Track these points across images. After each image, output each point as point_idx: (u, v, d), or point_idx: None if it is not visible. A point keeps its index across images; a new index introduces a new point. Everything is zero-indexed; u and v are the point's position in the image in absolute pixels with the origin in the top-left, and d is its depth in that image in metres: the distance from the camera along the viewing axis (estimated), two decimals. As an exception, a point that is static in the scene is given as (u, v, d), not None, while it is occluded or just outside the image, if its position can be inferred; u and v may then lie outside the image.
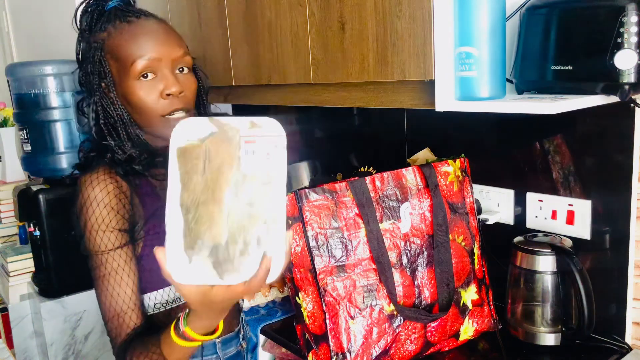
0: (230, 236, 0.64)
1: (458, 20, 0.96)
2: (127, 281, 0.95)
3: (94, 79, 0.99)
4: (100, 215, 0.93)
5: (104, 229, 0.93)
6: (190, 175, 0.65)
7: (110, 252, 0.94)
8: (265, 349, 1.39)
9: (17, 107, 1.87)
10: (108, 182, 0.95)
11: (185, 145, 0.65)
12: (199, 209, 0.64)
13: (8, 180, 2.29)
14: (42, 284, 1.85)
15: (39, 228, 1.77)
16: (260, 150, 0.67)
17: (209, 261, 0.64)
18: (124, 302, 0.94)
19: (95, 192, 0.93)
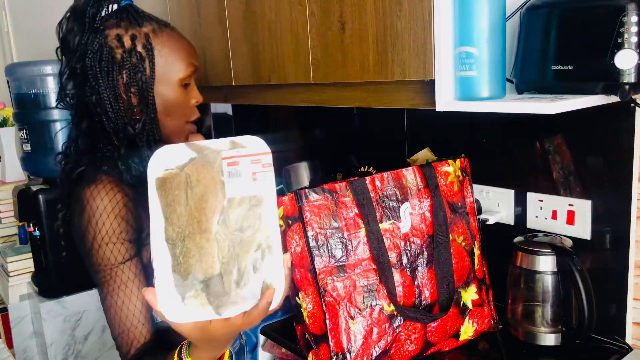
0: (223, 267, 0.60)
1: (458, 20, 0.96)
2: (137, 294, 0.91)
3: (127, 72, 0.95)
4: (111, 227, 0.90)
5: (114, 241, 0.90)
6: (173, 207, 0.60)
7: (120, 266, 0.91)
8: (265, 349, 1.39)
9: (17, 107, 1.87)
10: (116, 191, 0.91)
11: (164, 175, 0.61)
12: (186, 241, 0.60)
13: (8, 180, 2.29)
14: (42, 284, 1.85)
15: (38, 228, 1.77)
16: (245, 172, 0.62)
17: (203, 296, 0.60)
18: (134, 316, 0.91)
19: (105, 203, 0.90)
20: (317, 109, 1.85)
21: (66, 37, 0.96)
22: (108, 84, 0.95)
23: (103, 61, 0.94)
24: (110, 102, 0.95)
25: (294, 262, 1.09)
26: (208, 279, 0.60)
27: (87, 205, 0.90)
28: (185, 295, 0.60)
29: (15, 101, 1.87)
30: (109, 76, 0.95)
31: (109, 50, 0.95)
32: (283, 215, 1.08)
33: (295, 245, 1.07)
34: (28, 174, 2.08)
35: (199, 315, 0.61)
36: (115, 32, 0.95)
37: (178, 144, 0.63)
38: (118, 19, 0.96)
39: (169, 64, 0.98)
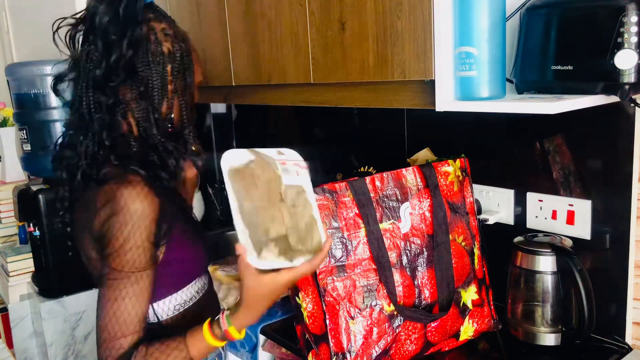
0: (288, 230, 0.82)
1: (458, 20, 0.96)
2: (145, 303, 0.91)
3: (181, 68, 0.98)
4: (145, 231, 0.89)
5: (146, 246, 0.89)
6: (247, 189, 0.82)
7: (142, 272, 0.90)
8: (265, 349, 1.39)
9: (17, 107, 1.87)
10: (150, 195, 0.89)
11: (236, 167, 0.83)
12: (261, 212, 0.81)
13: (8, 180, 2.29)
14: (42, 284, 1.85)
15: (38, 228, 1.77)
16: (291, 170, 0.87)
17: (276, 250, 0.81)
18: (133, 322, 0.89)
19: (142, 206, 0.88)
20: (317, 109, 1.85)
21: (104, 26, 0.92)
22: (158, 74, 0.95)
23: (156, 52, 0.95)
24: (160, 93, 0.96)
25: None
26: (278, 237, 0.81)
27: (124, 206, 0.88)
28: (262, 250, 0.80)
29: (15, 101, 1.87)
30: (159, 67, 0.95)
31: (159, 42, 0.96)
32: (283, 215, 1.08)
33: (295, 245, 1.07)
34: (28, 174, 2.08)
35: (277, 264, 0.81)
36: (161, 26, 0.97)
37: (242, 150, 0.85)
38: (156, 15, 0.98)
39: (197, 64, 1.03)
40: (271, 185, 0.84)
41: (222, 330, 0.89)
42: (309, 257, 0.84)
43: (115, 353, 0.88)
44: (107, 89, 0.93)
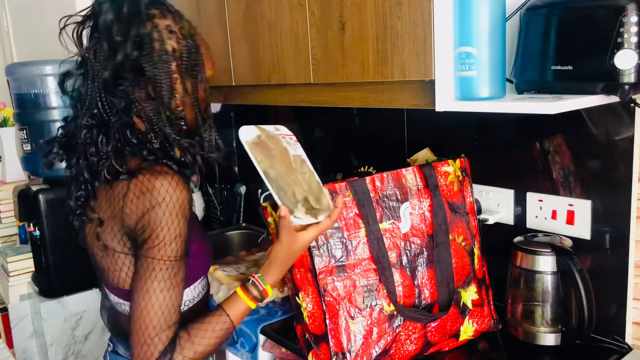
0: (306, 192, 0.95)
1: (458, 20, 0.97)
2: (182, 292, 0.93)
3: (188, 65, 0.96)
4: (184, 220, 0.91)
5: (183, 234, 0.91)
6: (269, 158, 0.94)
7: (180, 261, 0.92)
8: (265, 349, 1.39)
9: (17, 107, 1.88)
10: (183, 186, 0.91)
11: (253, 140, 0.94)
12: (285, 178, 0.93)
13: (8, 180, 2.29)
14: (42, 284, 1.85)
15: (39, 228, 1.77)
16: (291, 143, 0.99)
17: (303, 209, 0.93)
18: (176, 312, 0.91)
19: (182, 197, 0.90)
20: (317, 109, 1.85)
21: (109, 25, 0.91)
22: (165, 73, 0.94)
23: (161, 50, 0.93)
24: (168, 91, 0.95)
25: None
26: (303, 199, 0.94)
27: (165, 196, 0.89)
28: (293, 210, 0.92)
29: (15, 101, 1.88)
30: (166, 65, 0.94)
31: (164, 40, 0.94)
32: (283, 215, 1.08)
33: (295, 245, 1.07)
34: (28, 174, 2.08)
35: (308, 220, 0.94)
36: (165, 23, 0.94)
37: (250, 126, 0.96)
38: (161, 11, 0.95)
39: (207, 59, 1.00)
40: (283, 155, 0.96)
41: (259, 289, 0.98)
42: (327, 214, 0.96)
43: (156, 347, 0.89)
44: (118, 92, 0.93)
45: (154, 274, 0.90)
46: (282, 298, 1.50)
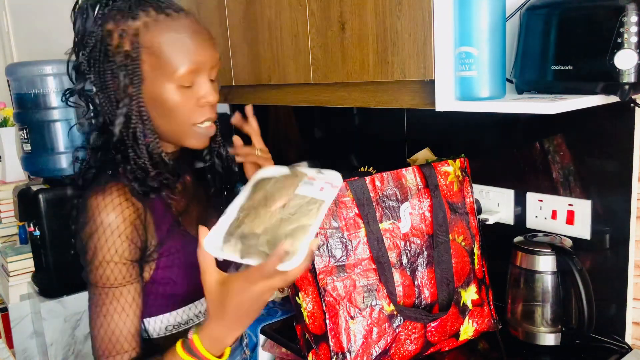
0: (265, 229, 0.76)
1: (458, 20, 0.97)
2: (133, 319, 0.86)
3: (113, 72, 0.85)
4: (114, 246, 0.83)
5: (116, 261, 0.84)
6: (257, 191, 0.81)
7: (119, 288, 0.85)
8: (265, 349, 1.39)
9: (17, 107, 1.87)
10: (124, 207, 0.84)
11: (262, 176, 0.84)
12: (252, 210, 0.78)
13: (8, 180, 2.29)
14: (42, 284, 1.85)
15: (39, 228, 1.77)
16: (316, 184, 0.83)
17: (239, 244, 0.75)
18: (125, 340, 0.85)
19: (110, 219, 0.83)
20: (317, 109, 1.85)
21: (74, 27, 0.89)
22: (102, 83, 0.87)
23: (97, 58, 0.86)
24: (103, 102, 0.88)
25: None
26: (249, 234, 0.75)
27: (93, 217, 0.83)
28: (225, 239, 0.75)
29: (15, 101, 1.87)
30: (101, 75, 0.86)
31: (102, 46, 0.86)
32: (283, 215, 1.08)
33: (295, 245, 1.07)
34: (28, 174, 2.08)
35: (228, 255, 0.74)
36: (108, 27, 0.85)
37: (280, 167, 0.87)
38: (115, 11, 0.86)
39: (162, 64, 0.85)
40: (280, 191, 0.81)
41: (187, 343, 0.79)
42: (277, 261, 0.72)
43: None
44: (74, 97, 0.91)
45: (92, 298, 0.86)
46: (282, 298, 1.50)
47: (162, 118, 0.89)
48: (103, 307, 0.85)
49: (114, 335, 0.85)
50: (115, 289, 0.85)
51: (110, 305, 0.85)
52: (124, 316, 0.85)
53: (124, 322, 0.85)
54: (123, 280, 0.85)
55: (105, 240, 0.83)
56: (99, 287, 0.85)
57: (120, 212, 0.84)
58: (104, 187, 0.85)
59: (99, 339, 0.85)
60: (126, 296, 0.86)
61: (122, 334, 0.85)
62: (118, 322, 0.85)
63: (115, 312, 0.85)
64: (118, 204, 0.84)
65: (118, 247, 0.84)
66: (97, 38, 0.86)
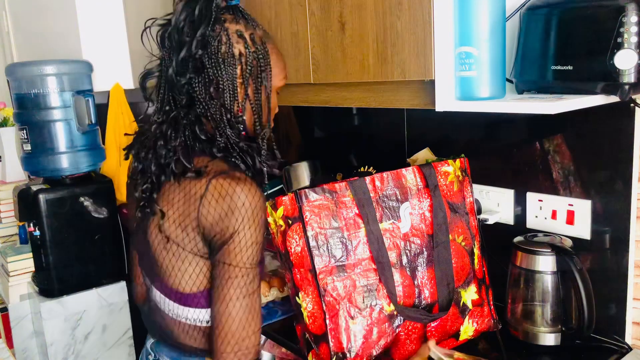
0: None
1: (458, 20, 0.97)
2: (259, 300, 0.95)
3: (247, 69, 0.96)
4: (262, 229, 0.92)
5: (260, 242, 0.92)
6: None
7: (254, 268, 0.93)
8: (265, 349, 1.39)
9: (17, 107, 1.87)
10: (263, 195, 0.93)
11: None
12: None
13: (8, 180, 2.29)
14: (42, 284, 1.85)
15: (39, 228, 1.77)
16: None
17: None
18: (260, 319, 0.94)
19: (262, 203, 0.91)
20: (317, 109, 1.85)
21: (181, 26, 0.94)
22: (228, 75, 0.95)
23: (227, 53, 0.95)
24: (230, 93, 0.96)
25: (294, 262, 1.09)
26: None
27: (245, 203, 0.90)
28: None
29: (15, 101, 1.87)
30: (229, 68, 0.95)
31: (231, 43, 0.95)
32: (283, 215, 1.08)
33: (295, 245, 1.07)
34: (28, 173, 2.08)
35: None
36: (236, 28, 0.96)
37: None
38: (236, 16, 0.97)
39: (275, 70, 1.00)
40: None
41: None
42: None
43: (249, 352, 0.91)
44: (178, 87, 0.95)
45: (230, 280, 0.91)
46: (282, 298, 1.50)
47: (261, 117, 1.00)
48: (244, 288, 0.91)
49: (255, 311, 0.92)
50: (255, 269, 0.92)
51: (252, 284, 0.92)
52: (258, 294, 0.94)
53: (258, 301, 0.93)
54: (260, 262, 0.93)
55: (256, 222, 0.91)
56: (244, 268, 0.91)
57: (263, 198, 0.92)
58: (239, 176, 0.92)
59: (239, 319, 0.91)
60: (260, 276, 0.95)
61: (257, 310, 0.92)
62: (257, 301, 0.93)
63: (255, 291, 0.92)
64: (260, 191, 0.92)
65: (262, 230, 0.92)
66: (219, 38, 0.94)
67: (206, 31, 0.93)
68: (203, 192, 0.91)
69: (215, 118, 0.95)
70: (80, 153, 1.85)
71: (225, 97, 0.95)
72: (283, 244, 1.09)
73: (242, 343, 0.91)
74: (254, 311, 0.92)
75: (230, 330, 0.91)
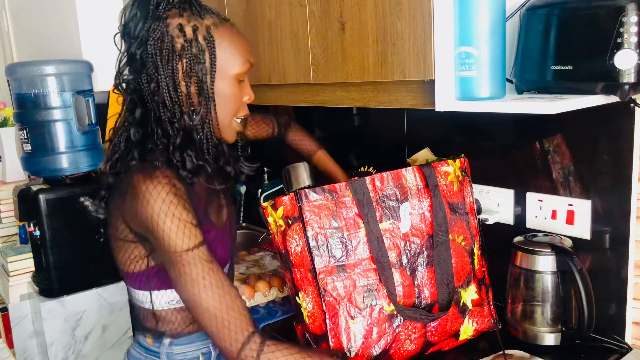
0: None
1: (458, 20, 0.97)
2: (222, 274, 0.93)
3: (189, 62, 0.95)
4: (175, 215, 0.90)
5: (183, 226, 0.91)
6: None
7: (199, 248, 0.91)
8: (265, 349, 1.39)
9: (17, 107, 1.87)
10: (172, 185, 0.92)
11: None
12: None
13: (8, 180, 2.29)
14: (42, 284, 1.85)
15: (39, 228, 1.77)
16: None
17: None
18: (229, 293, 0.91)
19: (163, 196, 0.91)
20: (317, 109, 1.85)
21: (128, 23, 0.96)
22: (167, 72, 0.95)
23: (164, 49, 0.94)
24: (169, 90, 0.95)
25: (294, 262, 1.09)
26: None
27: (148, 199, 0.91)
28: None
29: (15, 101, 1.87)
30: (169, 64, 0.95)
31: (170, 39, 0.94)
32: (283, 215, 1.08)
33: (295, 245, 1.07)
34: (28, 173, 2.08)
35: None
36: (178, 22, 0.95)
37: None
38: (180, 9, 0.96)
39: (228, 58, 0.98)
40: None
41: None
42: None
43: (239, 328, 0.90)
44: (122, 85, 0.98)
45: (182, 268, 0.91)
46: (282, 298, 1.50)
47: (218, 108, 0.98)
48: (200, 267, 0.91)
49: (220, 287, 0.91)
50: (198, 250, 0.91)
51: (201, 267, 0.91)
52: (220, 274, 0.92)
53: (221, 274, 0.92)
54: (197, 242, 0.91)
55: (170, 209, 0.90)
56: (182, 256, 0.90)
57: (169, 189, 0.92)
58: (151, 174, 0.93)
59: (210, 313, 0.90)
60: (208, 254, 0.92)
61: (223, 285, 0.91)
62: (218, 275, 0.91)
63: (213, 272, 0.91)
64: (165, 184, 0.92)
65: (180, 214, 0.91)
66: (162, 31, 0.94)
67: (144, 29, 0.94)
68: (125, 188, 0.95)
69: (157, 116, 0.97)
70: (80, 153, 1.86)
71: (165, 95, 0.95)
72: (283, 244, 1.09)
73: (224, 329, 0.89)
74: (218, 289, 0.90)
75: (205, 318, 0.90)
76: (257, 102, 1.53)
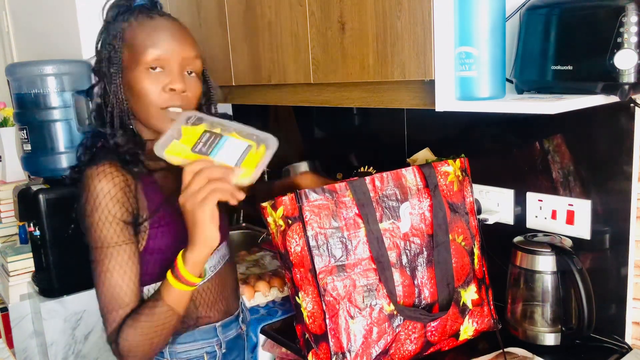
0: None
1: (458, 20, 0.97)
2: (131, 276, 0.96)
3: (104, 65, 1.01)
4: (107, 207, 0.94)
5: (110, 221, 0.94)
6: None
7: (115, 247, 0.95)
8: (265, 349, 1.39)
9: (17, 107, 1.88)
10: (115, 175, 0.96)
11: None
12: None
13: (8, 180, 2.29)
14: (42, 284, 1.85)
15: (39, 228, 1.77)
16: None
17: None
18: (125, 295, 0.95)
19: (102, 185, 0.95)
20: (317, 109, 1.85)
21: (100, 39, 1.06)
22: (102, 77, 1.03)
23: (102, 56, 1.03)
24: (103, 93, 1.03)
25: (294, 262, 1.09)
26: None
27: (87, 185, 0.96)
28: None
29: (15, 101, 1.87)
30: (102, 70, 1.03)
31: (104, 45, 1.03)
32: (283, 215, 1.08)
33: (295, 244, 1.07)
34: (28, 173, 2.08)
35: None
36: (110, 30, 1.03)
37: None
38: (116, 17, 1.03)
39: (134, 50, 0.99)
40: None
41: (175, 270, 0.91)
42: None
43: (110, 326, 0.95)
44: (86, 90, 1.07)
45: (93, 261, 0.96)
46: (282, 298, 1.50)
47: (136, 102, 1.00)
48: (103, 266, 0.95)
49: (115, 290, 0.95)
50: (112, 248, 0.95)
51: (109, 263, 0.95)
52: (121, 272, 0.95)
53: (122, 279, 0.95)
54: (118, 240, 0.95)
55: (99, 202, 0.95)
56: (98, 248, 0.95)
57: (111, 178, 0.95)
58: (97, 162, 0.97)
59: (102, 296, 0.96)
60: (122, 255, 0.96)
61: (122, 289, 0.95)
62: (117, 279, 0.95)
63: (114, 269, 0.95)
64: (109, 172, 0.96)
65: (111, 208, 0.95)
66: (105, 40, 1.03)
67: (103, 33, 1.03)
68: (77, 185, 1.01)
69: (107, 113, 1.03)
70: (80, 153, 1.86)
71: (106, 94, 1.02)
72: (283, 243, 1.09)
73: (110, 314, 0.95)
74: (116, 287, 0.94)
75: (101, 302, 0.96)
76: (258, 102, 1.54)
